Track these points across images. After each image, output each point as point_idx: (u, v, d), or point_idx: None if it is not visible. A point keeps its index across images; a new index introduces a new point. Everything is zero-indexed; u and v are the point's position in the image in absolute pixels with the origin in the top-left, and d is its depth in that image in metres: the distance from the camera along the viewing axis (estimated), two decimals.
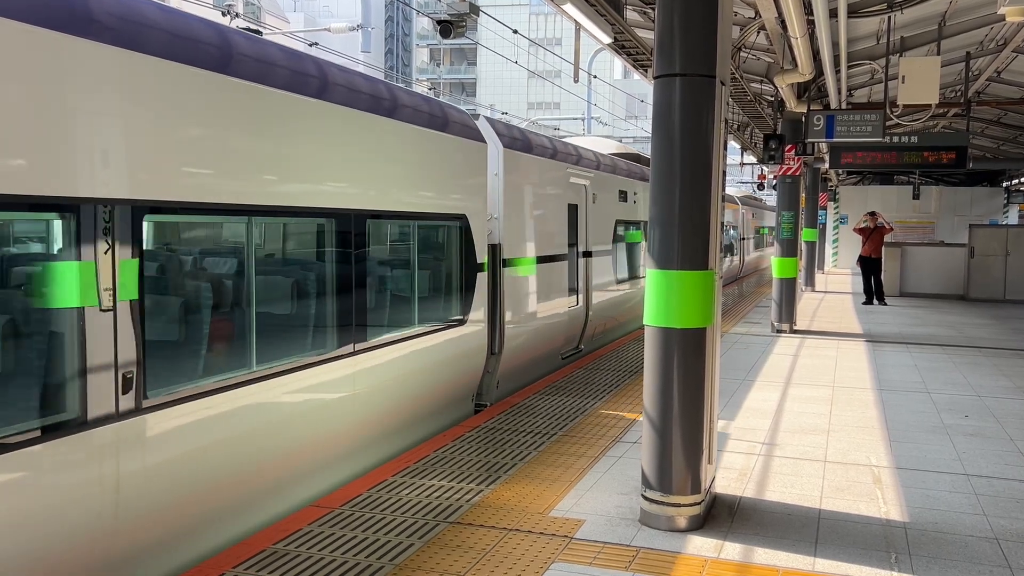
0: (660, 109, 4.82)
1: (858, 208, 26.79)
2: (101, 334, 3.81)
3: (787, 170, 13.93)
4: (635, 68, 12.22)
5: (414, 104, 6.73)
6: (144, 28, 4.11)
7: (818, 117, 12.20)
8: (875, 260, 18.43)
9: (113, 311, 3.86)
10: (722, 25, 4.82)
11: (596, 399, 8.15)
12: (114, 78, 3.87)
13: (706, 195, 4.80)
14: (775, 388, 9.00)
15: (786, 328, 13.65)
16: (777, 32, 10.12)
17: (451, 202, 7.27)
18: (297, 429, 5.21)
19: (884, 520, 5.08)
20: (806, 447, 6.68)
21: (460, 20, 7.62)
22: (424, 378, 6.86)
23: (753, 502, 5.36)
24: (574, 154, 10.82)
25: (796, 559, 4.48)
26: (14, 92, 3.41)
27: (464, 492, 5.39)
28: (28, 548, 3.54)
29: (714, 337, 5.01)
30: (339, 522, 4.84)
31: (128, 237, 3.94)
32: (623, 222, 12.98)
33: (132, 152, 3.96)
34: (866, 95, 16.02)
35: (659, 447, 4.86)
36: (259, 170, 4.81)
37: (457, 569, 4.25)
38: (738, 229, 25.29)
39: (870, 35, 11.71)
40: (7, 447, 3.40)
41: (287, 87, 5.11)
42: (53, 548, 3.64)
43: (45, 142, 3.53)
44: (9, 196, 3.38)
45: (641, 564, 4.36)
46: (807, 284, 21.45)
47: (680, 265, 4.75)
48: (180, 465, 4.29)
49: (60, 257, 3.70)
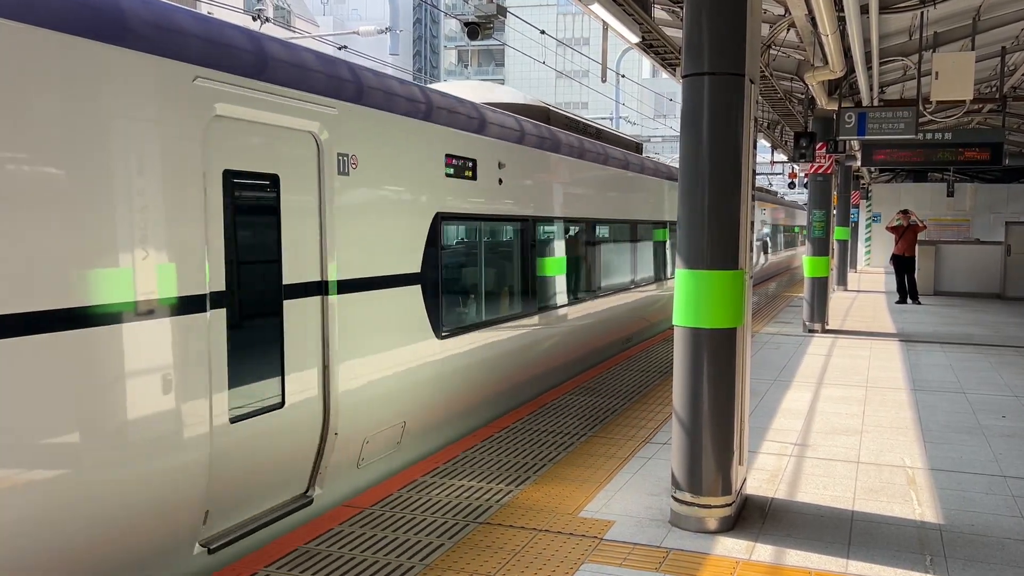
0: (689, 108, 4.79)
1: (891, 206, 26.45)
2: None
3: (818, 168, 13.79)
4: (663, 67, 12.16)
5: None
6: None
7: (849, 114, 12.06)
8: (908, 259, 18.21)
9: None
10: (751, 23, 4.78)
11: (625, 400, 8.12)
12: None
13: (736, 194, 4.77)
14: (807, 388, 8.92)
15: (818, 328, 13.53)
16: (807, 29, 10.02)
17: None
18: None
19: (919, 522, 5.01)
20: (839, 448, 6.61)
21: (488, 21, 7.63)
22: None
23: (785, 503, 5.31)
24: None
25: (829, 561, 4.43)
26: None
27: (494, 492, 5.40)
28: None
29: (745, 337, 4.97)
30: (370, 522, 4.87)
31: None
32: (464, 219, 7.09)
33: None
34: (898, 92, 15.82)
35: (689, 448, 4.84)
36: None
37: (487, 569, 4.26)
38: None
39: (902, 31, 11.56)
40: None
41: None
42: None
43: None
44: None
45: (671, 565, 4.35)
46: (839, 283, 21.22)
47: (710, 265, 4.73)
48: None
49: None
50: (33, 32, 3.44)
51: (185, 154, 4.12)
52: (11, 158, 3.38)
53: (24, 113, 3.41)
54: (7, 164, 3.37)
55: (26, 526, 3.49)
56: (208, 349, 4.25)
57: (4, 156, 3.36)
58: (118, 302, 3.80)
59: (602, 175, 10.40)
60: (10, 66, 3.36)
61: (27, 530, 3.50)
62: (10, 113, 3.37)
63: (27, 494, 3.49)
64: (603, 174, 10.43)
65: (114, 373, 3.79)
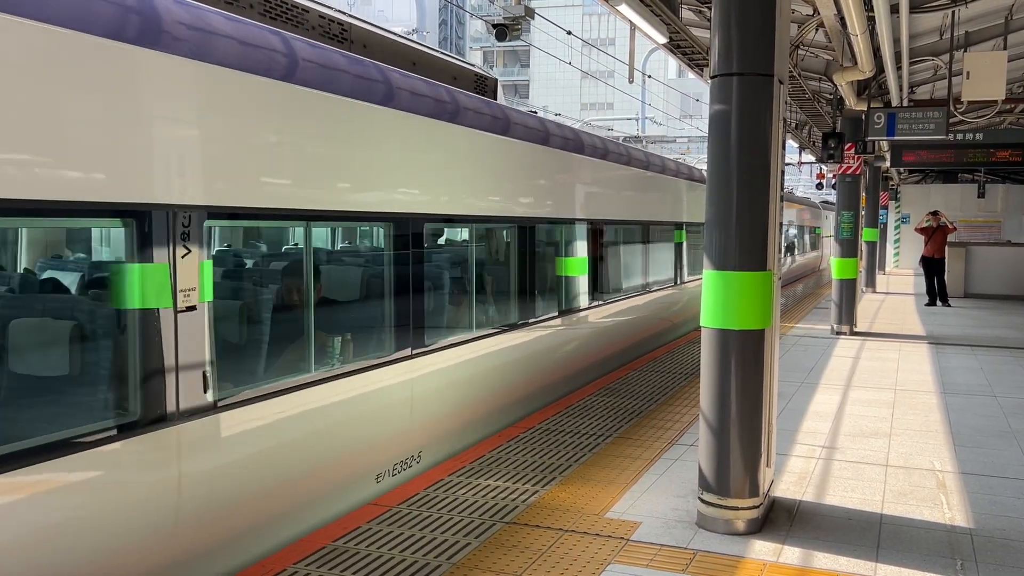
0: (717, 109, 4.78)
1: (920, 207, 26.15)
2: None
3: (847, 169, 13.68)
4: (691, 68, 12.12)
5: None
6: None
7: (879, 115, 11.95)
8: (938, 260, 18.01)
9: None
10: (780, 23, 4.76)
11: (651, 401, 8.11)
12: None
13: (765, 195, 4.75)
14: (835, 391, 8.85)
15: (846, 330, 13.41)
16: (836, 29, 9.95)
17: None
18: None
19: (949, 526, 4.97)
20: (867, 451, 6.55)
21: (515, 23, 7.64)
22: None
23: (813, 506, 5.28)
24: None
25: (857, 564, 4.40)
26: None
27: (520, 492, 5.41)
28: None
29: (773, 339, 4.95)
30: (396, 520, 4.90)
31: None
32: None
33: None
34: (929, 92, 15.65)
35: (717, 450, 4.82)
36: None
37: (513, 569, 4.27)
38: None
39: (933, 30, 11.43)
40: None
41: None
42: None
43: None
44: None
45: (698, 567, 4.34)
46: (868, 285, 21.02)
47: (738, 266, 4.71)
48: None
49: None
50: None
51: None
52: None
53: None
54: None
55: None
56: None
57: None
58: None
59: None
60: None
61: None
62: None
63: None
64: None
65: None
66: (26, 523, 3.40)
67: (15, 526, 3.36)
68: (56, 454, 3.50)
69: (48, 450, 3.47)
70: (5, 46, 3.28)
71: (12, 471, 3.33)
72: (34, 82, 3.38)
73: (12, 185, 3.32)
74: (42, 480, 3.44)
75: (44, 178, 3.43)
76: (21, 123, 3.35)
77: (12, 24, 3.30)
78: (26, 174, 3.36)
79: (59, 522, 3.52)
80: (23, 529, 3.39)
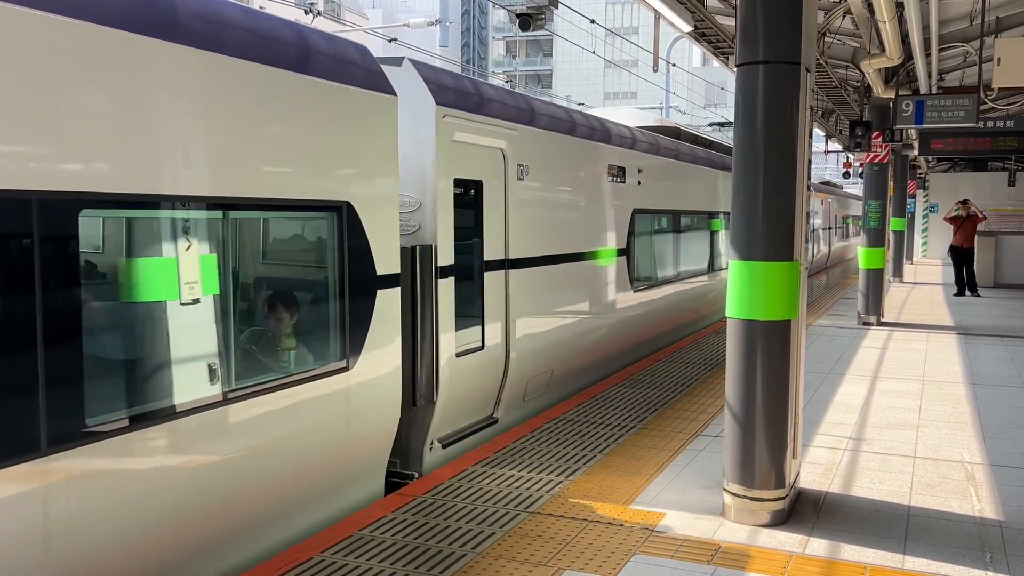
0: (744, 98, 4.74)
1: (948, 196, 25.82)
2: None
3: (874, 158, 13.52)
4: (715, 56, 12.02)
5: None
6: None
7: (907, 103, 11.79)
8: (967, 250, 17.80)
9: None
10: (807, 10, 4.71)
11: (676, 392, 8.08)
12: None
13: (791, 185, 4.71)
14: (862, 382, 8.78)
15: (873, 320, 13.29)
16: (864, 16, 9.82)
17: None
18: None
19: (978, 518, 4.92)
20: (895, 442, 6.50)
21: (539, 13, 7.61)
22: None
23: (839, 498, 5.25)
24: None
25: (884, 556, 4.37)
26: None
27: (544, 483, 5.42)
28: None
29: (799, 329, 4.91)
30: (421, 510, 4.92)
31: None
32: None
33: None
34: (958, 79, 15.42)
35: (742, 441, 4.80)
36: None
37: (538, 559, 4.28)
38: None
39: (963, 16, 11.26)
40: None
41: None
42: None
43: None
44: None
45: (724, 558, 4.32)
46: (895, 275, 20.81)
47: (764, 256, 4.68)
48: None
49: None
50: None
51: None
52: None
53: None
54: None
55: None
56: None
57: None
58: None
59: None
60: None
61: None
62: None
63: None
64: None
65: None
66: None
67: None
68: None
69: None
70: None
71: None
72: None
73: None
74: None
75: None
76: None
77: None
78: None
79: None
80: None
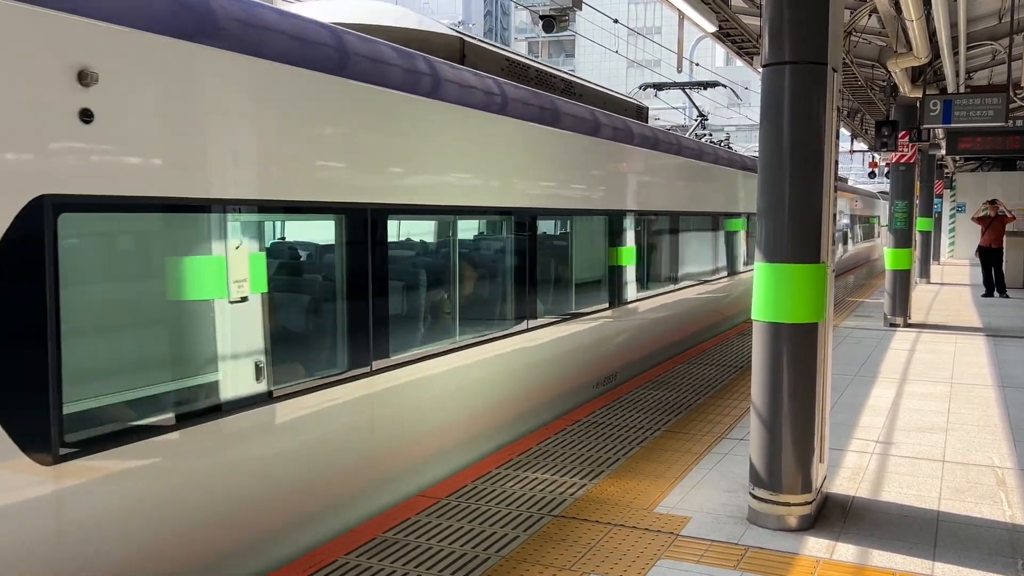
0: (769, 98, 4.70)
1: (976, 196, 25.50)
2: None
3: (900, 157, 13.38)
4: (739, 56, 11.95)
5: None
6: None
7: (934, 102, 11.66)
8: (995, 250, 17.58)
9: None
10: (834, 9, 4.66)
11: (701, 394, 8.03)
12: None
13: (818, 186, 4.66)
14: (889, 384, 8.68)
15: (900, 322, 13.15)
16: (890, 14, 9.72)
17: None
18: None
19: (1009, 524, 4.84)
20: (923, 446, 6.42)
21: (563, 14, 7.60)
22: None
23: (867, 502, 5.19)
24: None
25: (914, 562, 4.31)
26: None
27: (567, 486, 5.40)
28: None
29: (826, 332, 4.86)
30: (445, 512, 4.92)
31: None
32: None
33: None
34: (987, 77, 15.23)
35: (768, 444, 4.76)
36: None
37: (562, 563, 4.26)
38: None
39: (992, 14, 11.11)
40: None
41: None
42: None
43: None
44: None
45: (750, 563, 4.28)
46: (922, 276, 20.59)
47: (791, 258, 4.63)
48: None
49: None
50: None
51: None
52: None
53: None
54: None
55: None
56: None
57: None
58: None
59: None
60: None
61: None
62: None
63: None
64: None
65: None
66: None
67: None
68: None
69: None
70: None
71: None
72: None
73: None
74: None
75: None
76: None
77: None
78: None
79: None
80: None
